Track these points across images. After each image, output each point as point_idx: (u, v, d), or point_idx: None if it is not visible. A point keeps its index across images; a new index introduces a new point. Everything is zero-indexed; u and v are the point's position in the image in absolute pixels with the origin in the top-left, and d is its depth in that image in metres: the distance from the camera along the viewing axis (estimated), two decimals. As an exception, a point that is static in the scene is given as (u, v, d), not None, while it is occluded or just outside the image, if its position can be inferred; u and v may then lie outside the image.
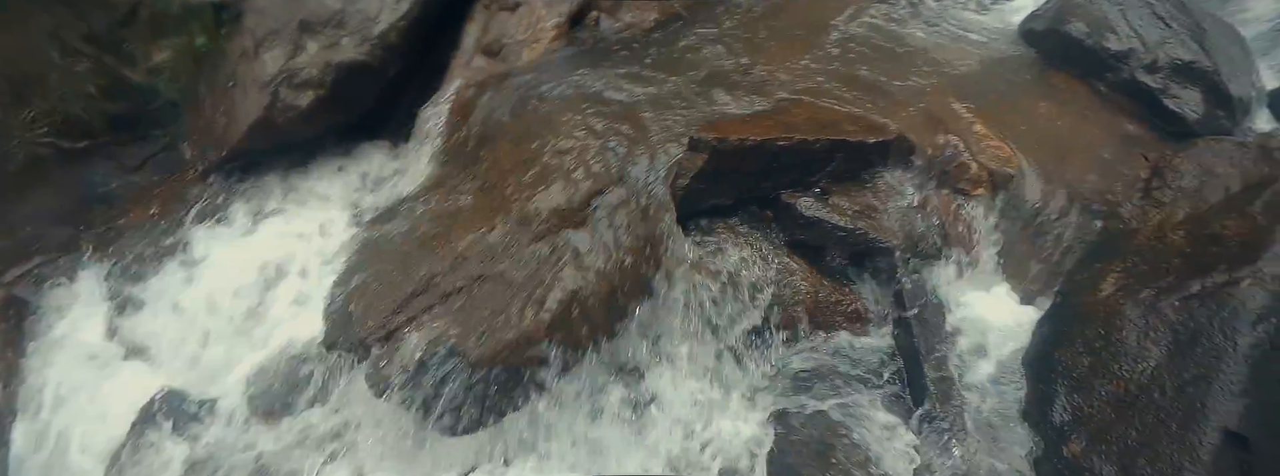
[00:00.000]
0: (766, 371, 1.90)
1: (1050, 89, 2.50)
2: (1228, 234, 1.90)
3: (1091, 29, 2.60)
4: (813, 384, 1.87)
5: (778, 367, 1.90)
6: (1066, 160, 2.23)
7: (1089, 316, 1.85)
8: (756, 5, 2.74)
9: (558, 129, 2.12)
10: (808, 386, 1.87)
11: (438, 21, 2.64)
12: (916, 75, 2.44)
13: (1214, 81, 2.53)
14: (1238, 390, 1.61)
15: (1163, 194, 2.09)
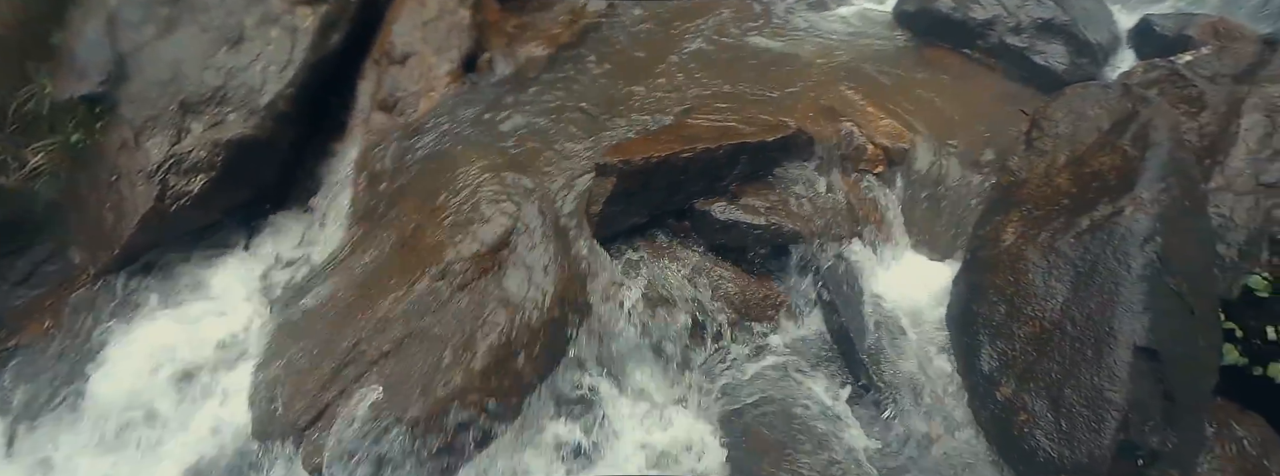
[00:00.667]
0: (710, 374, 2.02)
1: (930, 63, 2.86)
2: (1105, 169, 2.17)
3: (957, 3, 3.02)
4: (758, 378, 2.00)
5: (721, 369, 2.03)
6: (954, 126, 2.53)
7: (997, 266, 2.05)
8: (642, 31, 3.02)
9: (464, 175, 2.26)
10: (753, 381, 1.99)
11: (328, 83, 2.79)
12: (805, 72, 2.75)
13: (1073, 33, 2.95)
14: (1139, 308, 1.83)
15: (1043, 142, 2.36)
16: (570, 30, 2.97)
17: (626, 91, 2.59)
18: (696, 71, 2.67)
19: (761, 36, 2.92)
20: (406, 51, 2.85)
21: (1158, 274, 1.92)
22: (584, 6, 3.11)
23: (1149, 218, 1.98)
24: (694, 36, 2.90)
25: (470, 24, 2.87)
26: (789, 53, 2.82)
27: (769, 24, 2.99)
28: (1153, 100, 2.38)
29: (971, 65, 2.89)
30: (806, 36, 2.96)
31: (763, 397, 1.91)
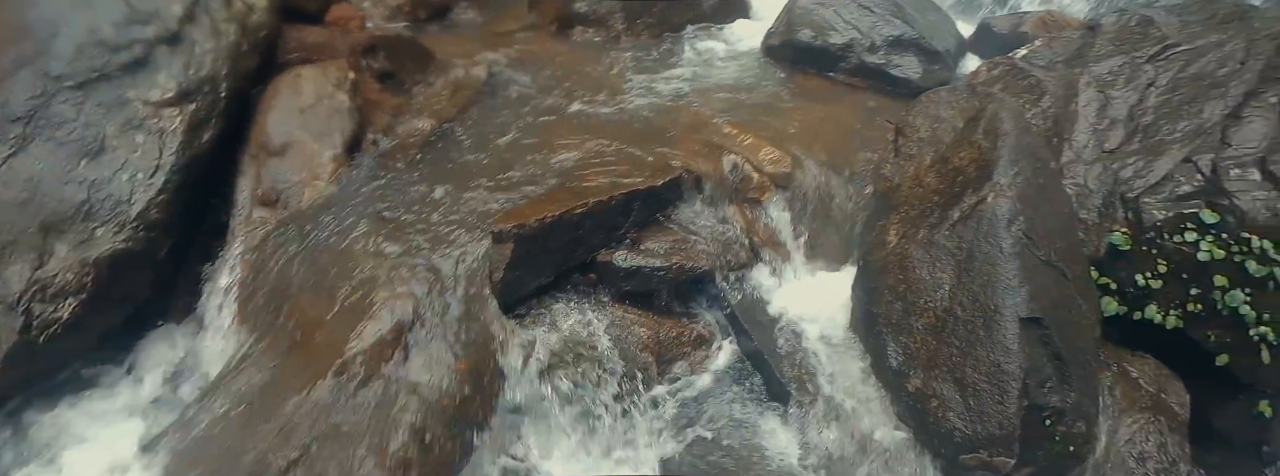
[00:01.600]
0: (639, 421, 2.19)
1: (801, 90, 3.32)
2: (965, 164, 2.58)
3: (816, 32, 3.55)
4: (685, 414, 2.19)
5: (649, 413, 2.21)
6: (830, 145, 2.93)
7: (887, 268, 2.38)
8: (525, 95, 3.33)
9: (355, 263, 2.41)
10: (681, 418, 2.19)
11: (204, 183, 2.90)
12: (687, 114, 3.12)
13: (922, 45, 3.52)
14: (1017, 283, 2.18)
15: (909, 147, 2.79)
16: (453, 102, 3.24)
17: (516, 156, 2.84)
18: (582, 129, 2.97)
19: (642, 87, 3.29)
20: (285, 141, 3.01)
21: (1027, 249, 2.29)
22: (464, 77, 3.42)
23: (1009, 201, 2.37)
24: (576, 95, 3.23)
25: (350, 107, 3.09)
26: (670, 98, 3.19)
27: (648, 75, 3.39)
28: (996, 96, 2.88)
29: (839, 86, 3.39)
30: (684, 81, 3.36)
31: (693, 433, 2.10)
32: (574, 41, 3.83)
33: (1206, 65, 3.23)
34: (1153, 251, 2.61)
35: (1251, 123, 2.92)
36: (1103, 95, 3.17)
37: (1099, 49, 3.36)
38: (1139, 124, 3.14)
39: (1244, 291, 2.46)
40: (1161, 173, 2.86)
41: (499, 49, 3.71)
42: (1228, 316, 2.49)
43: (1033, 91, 3.09)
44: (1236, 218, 2.58)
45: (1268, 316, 2.46)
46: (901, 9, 3.63)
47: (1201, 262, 2.51)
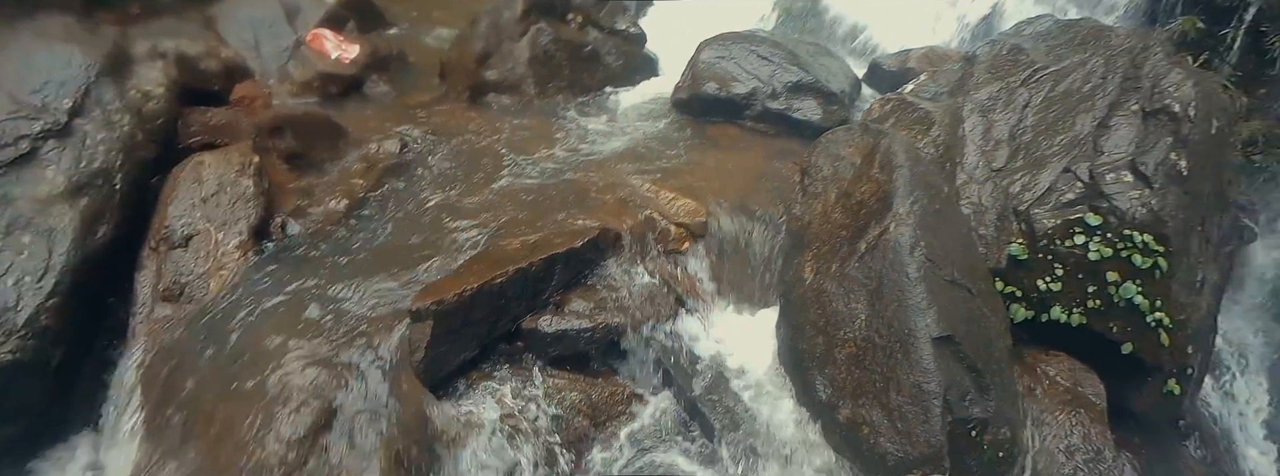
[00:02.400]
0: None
1: (711, 140, 3.58)
2: (867, 197, 2.82)
3: (721, 84, 3.84)
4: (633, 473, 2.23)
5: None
6: (743, 190, 3.14)
7: (806, 304, 2.55)
8: (440, 165, 3.42)
9: (267, 357, 2.35)
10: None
11: (101, 282, 2.85)
12: (604, 173, 3.27)
13: (820, 88, 3.84)
14: (925, 305, 2.37)
15: (815, 186, 3.03)
16: (366, 178, 3.30)
17: (434, 229, 2.90)
18: (500, 196, 3.08)
19: (557, 149, 3.47)
20: (188, 232, 3.00)
21: (931, 271, 2.50)
22: (377, 152, 3.49)
23: (909, 228, 2.60)
24: (492, 161, 3.36)
25: (256, 192, 3.10)
26: (585, 159, 3.36)
27: (563, 136, 3.57)
28: (887, 131, 3.16)
29: (747, 133, 3.66)
30: (599, 140, 3.56)
31: (643, 488, 2.14)
32: (488, 109, 3.98)
33: (1073, 83, 3.65)
34: (1048, 257, 2.88)
35: (1119, 130, 3.28)
36: (985, 119, 3.52)
37: (977, 78, 3.75)
38: (1020, 142, 3.49)
39: (1135, 283, 2.75)
40: (1046, 184, 3.18)
41: (413, 121, 3.85)
42: (1125, 307, 2.77)
43: (922, 123, 3.41)
44: (1117, 217, 2.90)
45: (1160, 303, 2.76)
46: (797, 56, 3.98)
47: (1093, 262, 2.80)
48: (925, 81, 3.73)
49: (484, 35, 4.15)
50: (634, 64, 4.39)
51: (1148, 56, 3.53)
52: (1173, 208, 2.96)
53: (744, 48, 3.87)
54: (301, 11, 5.37)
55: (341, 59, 4.52)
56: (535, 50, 4.05)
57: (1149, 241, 2.80)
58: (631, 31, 4.45)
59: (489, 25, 4.17)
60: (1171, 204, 2.98)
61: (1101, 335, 2.78)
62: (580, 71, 4.18)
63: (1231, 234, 4.08)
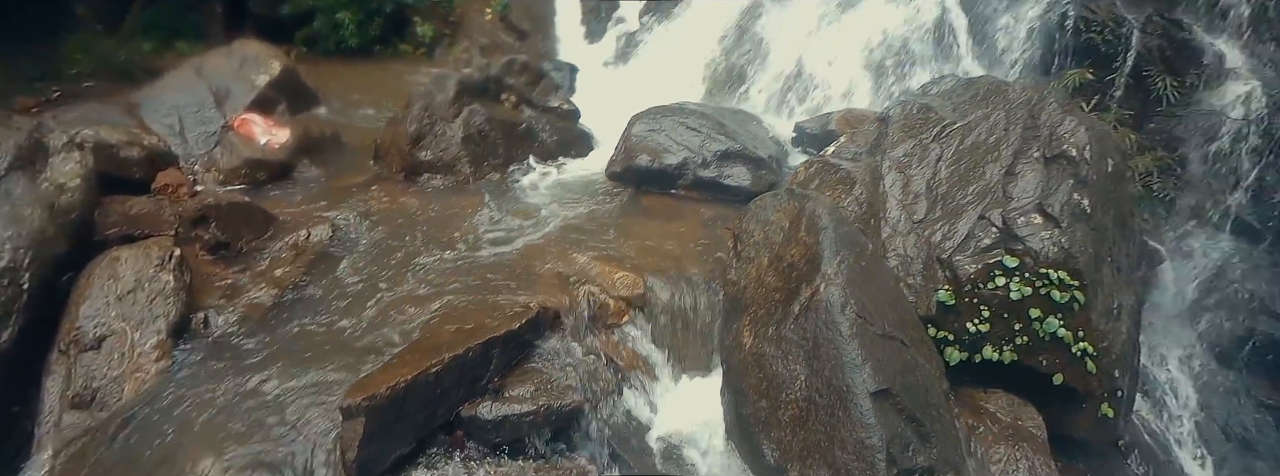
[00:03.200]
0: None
1: (646, 210, 3.75)
2: (797, 259, 2.98)
3: (653, 156, 4.08)
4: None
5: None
6: (679, 259, 3.29)
7: (747, 369, 2.65)
8: (374, 249, 3.45)
9: (187, 466, 2.27)
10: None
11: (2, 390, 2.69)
12: (540, 249, 3.36)
13: (748, 155, 4.10)
14: (861, 360, 2.50)
15: (748, 251, 3.19)
16: (296, 267, 3.31)
17: (366, 318, 2.90)
18: (435, 279, 3.12)
19: (493, 228, 3.55)
20: (101, 333, 2.90)
21: (863, 327, 2.65)
22: (307, 238, 3.52)
23: (838, 287, 2.75)
24: (427, 245, 3.40)
25: (176, 287, 3.04)
26: (522, 236, 3.45)
27: (499, 215, 3.67)
28: (811, 195, 3.38)
29: (681, 202, 3.87)
30: (535, 217, 3.67)
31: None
32: (422, 189, 4.08)
33: (979, 136, 4.00)
34: (974, 300, 3.10)
35: (1024, 176, 3.60)
36: (903, 175, 3.80)
37: (892, 137, 4.07)
38: (937, 194, 3.77)
39: (1057, 317, 3.00)
40: (964, 232, 3.44)
41: (345, 205, 3.89)
42: (1051, 341, 3.00)
43: (845, 182, 3.66)
44: (1032, 258, 3.15)
45: (1082, 333, 3.00)
46: (724, 126, 4.27)
47: (1016, 301, 3.03)
48: (845, 143, 4.03)
49: (417, 117, 4.30)
50: (568, 139, 4.59)
51: (1043, 107, 3.92)
52: (1081, 243, 3.24)
53: (674, 120, 4.13)
54: (230, 95, 5.42)
55: (271, 144, 4.56)
56: (469, 130, 4.21)
57: (1064, 277, 3.06)
58: (565, 108, 4.68)
59: (422, 107, 4.32)
60: (1079, 240, 3.26)
61: (1033, 369, 2.99)
62: (515, 149, 4.34)
63: (1140, 259, 4.47)
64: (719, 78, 5.45)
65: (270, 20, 8.83)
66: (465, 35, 7.99)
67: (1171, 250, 4.84)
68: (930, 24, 5.24)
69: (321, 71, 6.58)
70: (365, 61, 8.11)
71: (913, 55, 5.13)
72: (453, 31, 8.11)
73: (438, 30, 8.12)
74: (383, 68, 7.61)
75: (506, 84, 4.55)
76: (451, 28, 8.13)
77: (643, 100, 4.59)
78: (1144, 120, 4.96)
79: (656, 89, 5.25)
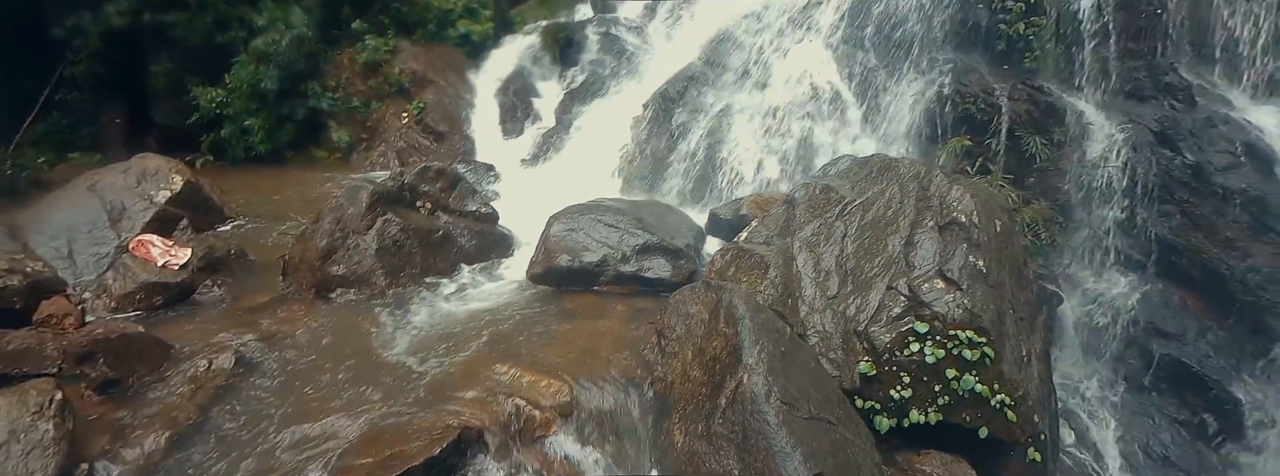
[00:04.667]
0: None
1: (569, 310, 3.75)
2: (719, 352, 3.04)
3: (573, 255, 4.13)
4: None
5: None
6: (604, 360, 3.27)
7: (680, 469, 2.63)
8: (283, 374, 3.30)
9: None
10: None
11: None
12: (459, 363, 3.28)
13: (666, 246, 4.22)
14: (790, 447, 2.53)
15: (672, 346, 3.24)
16: (195, 402, 3.10)
17: (275, 455, 2.73)
18: (351, 402, 3.00)
19: (412, 342, 3.46)
20: (-33, 501, 2.65)
21: (789, 413, 2.69)
22: (208, 368, 3.32)
23: (761, 376, 2.81)
24: (342, 366, 3.28)
25: (56, 437, 2.80)
26: (441, 349, 3.37)
27: (417, 328, 3.59)
28: (727, 286, 3.48)
29: (604, 299, 3.90)
30: (455, 327, 3.60)
31: None
32: (336, 305, 3.97)
33: (878, 210, 4.27)
34: (894, 368, 3.24)
35: (923, 245, 3.85)
36: (813, 254, 3.99)
37: (800, 218, 4.30)
38: (847, 269, 3.97)
39: (972, 374, 3.18)
40: (876, 303, 3.61)
41: (251, 327, 3.73)
42: (970, 397, 3.16)
43: (760, 267, 3.81)
44: (941, 321, 3.34)
45: (997, 386, 3.19)
46: (642, 219, 4.39)
47: (932, 364, 3.21)
48: (757, 227, 4.22)
49: (328, 231, 4.25)
50: (488, 243, 4.60)
51: (931, 179, 4.25)
52: (982, 302, 3.47)
53: (591, 218, 4.22)
54: (127, 213, 5.19)
55: (170, 265, 4.37)
56: (383, 241, 4.18)
57: (972, 336, 3.27)
58: (483, 212, 4.71)
59: (333, 220, 4.29)
60: (980, 299, 3.48)
61: (959, 426, 3.14)
62: (433, 257, 4.31)
63: (1040, 304, 4.78)
64: (635, 170, 5.70)
65: (175, 128, 8.74)
66: (382, 139, 8.12)
67: (1067, 290, 5.21)
68: (827, 106, 5.71)
69: (229, 181, 6.46)
70: (276, 169, 8.05)
71: (813, 136, 5.54)
72: (369, 136, 8.27)
73: (354, 135, 8.33)
74: (295, 175, 7.56)
75: (422, 191, 4.57)
76: (368, 132, 8.30)
77: (562, 197, 4.70)
78: (1023, 176, 5.46)
79: (575, 184, 5.43)
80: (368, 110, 8.12)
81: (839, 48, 5.95)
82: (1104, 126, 5.39)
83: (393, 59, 8.16)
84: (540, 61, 8.17)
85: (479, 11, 8.82)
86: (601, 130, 6.29)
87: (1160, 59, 5.64)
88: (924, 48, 5.76)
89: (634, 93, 6.64)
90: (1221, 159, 5.01)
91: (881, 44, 5.91)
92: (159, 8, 7.79)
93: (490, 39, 8.69)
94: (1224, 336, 4.87)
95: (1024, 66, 5.76)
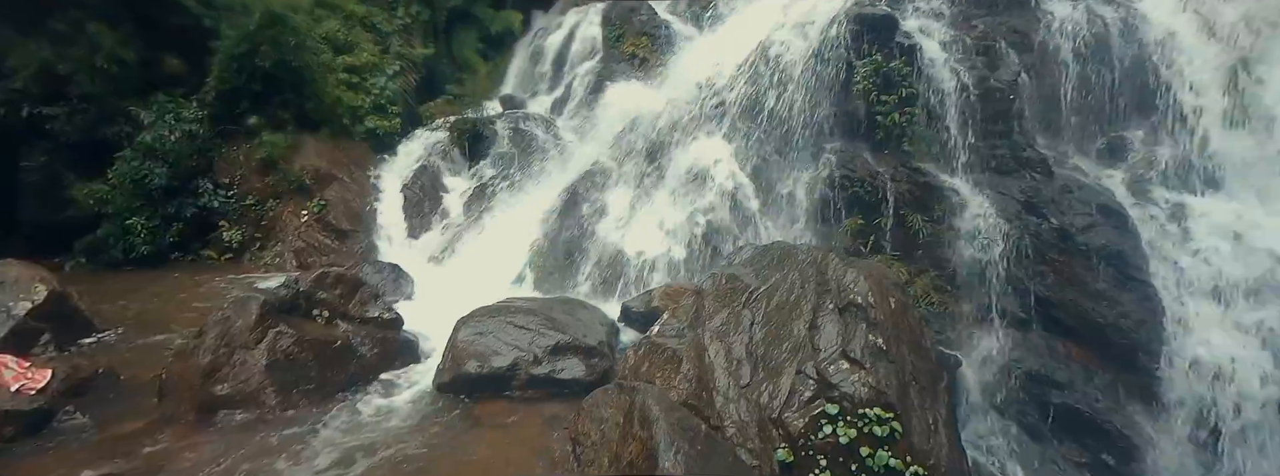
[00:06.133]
0: None
1: (479, 421, 3.60)
2: (636, 456, 3.00)
3: (481, 361, 4.01)
4: None
5: None
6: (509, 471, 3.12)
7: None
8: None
9: None
10: None
11: None
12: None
13: (579, 345, 4.17)
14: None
15: (588, 453, 3.17)
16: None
17: None
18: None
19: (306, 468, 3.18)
20: None
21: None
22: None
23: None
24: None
25: None
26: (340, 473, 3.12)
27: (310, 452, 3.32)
28: (639, 387, 3.48)
29: (516, 404, 3.76)
30: (353, 449, 3.35)
31: None
32: (220, 430, 3.64)
33: (782, 297, 4.45)
34: (810, 452, 3.31)
35: (826, 328, 4.03)
36: (724, 344, 4.08)
37: (709, 308, 4.41)
38: (757, 356, 4.07)
39: (884, 450, 3.29)
40: (787, 388, 3.70)
41: (117, 459, 3.35)
42: (886, 472, 3.26)
43: (672, 361, 3.85)
44: (849, 401, 3.47)
45: (909, 458, 3.30)
46: (552, 318, 4.35)
47: (846, 444, 3.31)
48: (668, 319, 4.28)
49: (212, 347, 3.94)
50: (391, 350, 4.40)
51: (828, 263, 4.50)
52: (886, 378, 3.63)
53: (500, 320, 4.14)
54: (-20, 326, 4.64)
55: (25, 389, 3.91)
56: (274, 356, 3.91)
57: (880, 413, 3.42)
58: (386, 317, 4.51)
59: (218, 335, 3.99)
60: (883, 376, 3.65)
61: None
62: (331, 370, 4.06)
63: (940, 370, 5.03)
64: (547, 265, 5.69)
65: (47, 228, 7.98)
66: (278, 239, 7.70)
67: (965, 353, 5.52)
68: (730, 196, 6.00)
69: (104, 288, 5.95)
70: (159, 272, 7.43)
71: (719, 224, 5.77)
72: (264, 235, 7.83)
73: (247, 234, 7.86)
74: (180, 279, 6.99)
75: (319, 298, 4.37)
76: (263, 231, 7.86)
77: (472, 295, 4.62)
78: (912, 250, 5.86)
79: (486, 281, 5.35)
80: (264, 208, 7.72)
81: (737, 140, 6.36)
82: (977, 200, 5.92)
83: (294, 155, 7.89)
84: (449, 156, 8.21)
85: (387, 108, 8.86)
86: (511, 225, 6.29)
87: (1018, 137, 6.33)
88: (813, 138, 6.25)
89: (544, 186, 6.76)
90: (1081, 220, 5.57)
91: (775, 136, 6.37)
92: (39, 100, 7.34)
93: (398, 134, 8.69)
94: (1108, 379, 5.25)
95: (903, 150, 6.31)
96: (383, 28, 9.91)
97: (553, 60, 9.67)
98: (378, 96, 8.81)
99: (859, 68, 6.07)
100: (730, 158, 6.11)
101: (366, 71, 9.06)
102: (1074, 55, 6.26)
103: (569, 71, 9.15)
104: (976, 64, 6.22)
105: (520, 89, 10.05)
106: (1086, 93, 6.35)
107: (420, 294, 5.49)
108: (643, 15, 9.05)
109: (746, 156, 6.19)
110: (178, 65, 8.10)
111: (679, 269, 5.44)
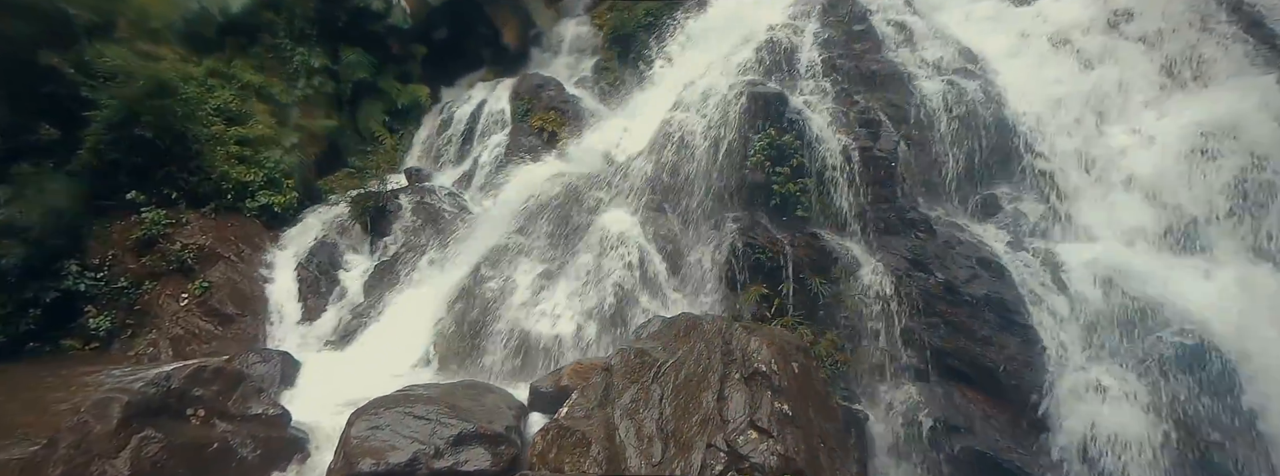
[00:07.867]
0: None
1: None
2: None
3: (377, 458, 3.77)
4: None
5: None
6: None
7: None
8: None
9: None
10: None
11: None
12: None
13: (483, 433, 4.00)
14: None
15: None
16: None
17: None
18: None
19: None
20: None
21: None
22: None
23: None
24: None
25: None
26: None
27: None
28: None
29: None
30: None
31: None
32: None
33: (690, 369, 4.50)
34: None
35: (733, 398, 4.09)
36: (634, 421, 4.07)
37: (617, 385, 4.41)
38: (668, 432, 4.06)
39: None
40: (698, 463, 3.71)
41: None
42: None
43: (582, 444, 3.79)
44: (760, 471, 3.49)
45: None
46: (455, 405, 4.16)
47: None
48: (578, 399, 4.23)
49: (65, 457, 3.55)
50: (277, 451, 4.10)
51: (733, 333, 4.62)
52: (794, 445, 3.70)
53: (398, 412, 3.94)
54: None
55: None
56: (139, 465, 3.56)
57: None
58: (271, 413, 4.23)
59: (73, 443, 3.61)
60: (792, 442, 3.71)
61: None
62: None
63: (849, 427, 5.18)
64: (452, 347, 5.52)
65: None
66: (153, 325, 7.04)
67: (870, 407, 5.74)
68: (637, 268, 6.11)
69: (-60, 389, 5.22)
70: (9, 365, 6.65)
71: (627, 297, 5.84)
72: (137, 321, 7.14)
73: (117, 321, 7.17)
74: (33, 373, 6.22)
75: (194, 396, 4.02)
76: (136, 317, 7.18)
77: (371, 381, 4.39)
78: (814, 312, 6.11)
79: (386, 365, 5.11)
80: (138, 291, 7.05)
81: (644, 212, 6.56)
82: (869, 260, 6.31)
83: (176, 232, 7.33)
84: (349, 232, 7.89)
85: (282, 182, 8.43)
86: (415, 304, 6.09)
87: (902, 200, 6.84)
88: (717, 208, 6.54)
89: (450, 263, 6.63)
90: (964, 273, 6.01)
91: (678, 207, 6.61)
92: (-128, 174, 6.60)
93: (295, 209, 8.28)
94: (1005, 420, 5.56)
95: (799, 217, 6.69)
96: (281, 99, 9.64)
97: (461, 133, 9.69)
98: (272, 170, 8.42)
99: (754, 141, 6.46)
100: (638, 230, 6.25)
101: (261, 144, 8.67)
102: (946, 123, 6.91)
103: (477, 145, 9.18)
104: (860, 135, 6.76)
105: (427, 162, 9.96)
106: (958, 156, 6.97)
107: (314, 383, 5.13)
108: (551, 90, 9.31)
109: (654, 228, 6.37)
110: (50, 132, 7.52)
111: (589, 344, 5.41)
